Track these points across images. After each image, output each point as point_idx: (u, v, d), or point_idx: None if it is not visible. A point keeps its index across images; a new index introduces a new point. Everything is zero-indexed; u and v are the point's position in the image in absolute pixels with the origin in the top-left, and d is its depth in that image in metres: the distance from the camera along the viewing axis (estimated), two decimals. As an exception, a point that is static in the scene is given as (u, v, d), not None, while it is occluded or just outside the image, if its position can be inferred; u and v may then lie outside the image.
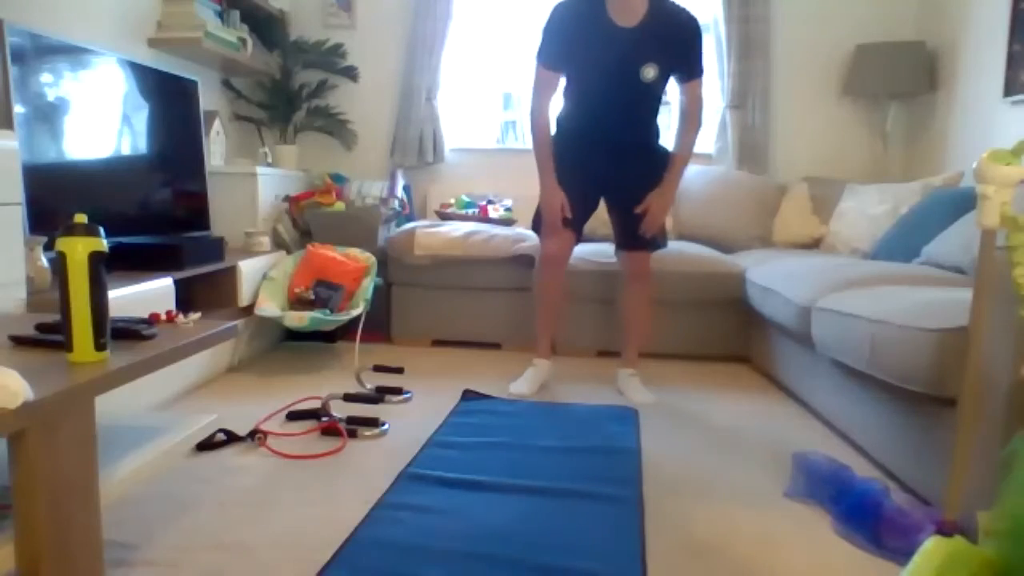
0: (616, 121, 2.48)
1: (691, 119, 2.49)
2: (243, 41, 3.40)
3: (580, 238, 2.61)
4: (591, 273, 3.06)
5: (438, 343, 3.36)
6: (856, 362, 1.91)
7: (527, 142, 2.88)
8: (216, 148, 3.26)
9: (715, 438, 2.18)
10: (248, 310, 2.79)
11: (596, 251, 3.09)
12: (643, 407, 2.44)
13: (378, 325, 3.33)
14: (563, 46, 2.40)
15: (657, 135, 2.58)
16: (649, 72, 2.37)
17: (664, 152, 2.53)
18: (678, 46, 2.38)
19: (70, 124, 2.15)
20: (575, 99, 2.51)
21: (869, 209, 3.15)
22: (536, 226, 2.59)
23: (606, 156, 2.49)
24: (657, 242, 2.58)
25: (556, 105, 2.54)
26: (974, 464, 1.37)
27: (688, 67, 2.43)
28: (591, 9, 2.36)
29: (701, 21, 2.45)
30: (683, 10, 2.39)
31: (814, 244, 3.49)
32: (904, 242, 2.76)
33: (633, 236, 2.53)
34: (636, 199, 2.48)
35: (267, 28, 3.76)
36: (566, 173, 2.47)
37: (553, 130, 2.50)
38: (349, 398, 2.42)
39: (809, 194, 3.59)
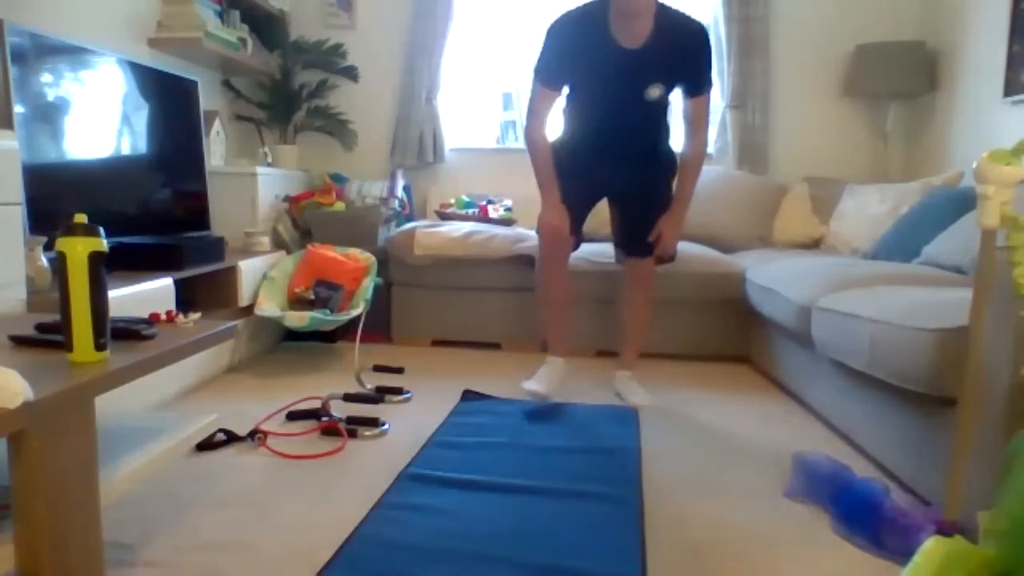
0: (620, 134, 2.42)
1: (696, 136, 2.40)
2: (243, 41, 3.40)
3: (580, 241, 2.53)
4: (591, 273, 3.06)
5: (438, 343, 3.36)
6: (856, 362, 1.91)
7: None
8: (216, 148, 3.26)
9: (715, 438, 2.18)
10: (248, 310, 2.79)
11: (596, 251, 3.09)
12: (642, 409, 2.44)
13: (378, 325, 3.34)
14: (564, 64, 2.31)
15: (667, 135, 2.52)
16: (654, 92, 2.31)
17: (671, 153, 2.49)
18: (684, 62, 2.29)
19: (70, 124, 2.15)
20: (577, 112, 2.44)
21: (869, 209, 3.15)
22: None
23: (610, 163, 2.44)
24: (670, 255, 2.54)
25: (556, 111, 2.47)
26: (974, 464, 1.37)
27: (695, 82, 2.35)
28: (594, 27, 2.24)
29: (701, 21, 2.42)
30: (691, 22, 2.28)
31: (814, 244, 3.49)
32: (904, 242, 2.76)
33: (639, 242, 2.50)
34: (641, 202, 2.46)
35: (267, 28, 3.76)
36: (567, 178, 2.39)
37: (553, 136, 2.43)
38: (349, 398, 2.42)
39: (809, 194, 3.59)
